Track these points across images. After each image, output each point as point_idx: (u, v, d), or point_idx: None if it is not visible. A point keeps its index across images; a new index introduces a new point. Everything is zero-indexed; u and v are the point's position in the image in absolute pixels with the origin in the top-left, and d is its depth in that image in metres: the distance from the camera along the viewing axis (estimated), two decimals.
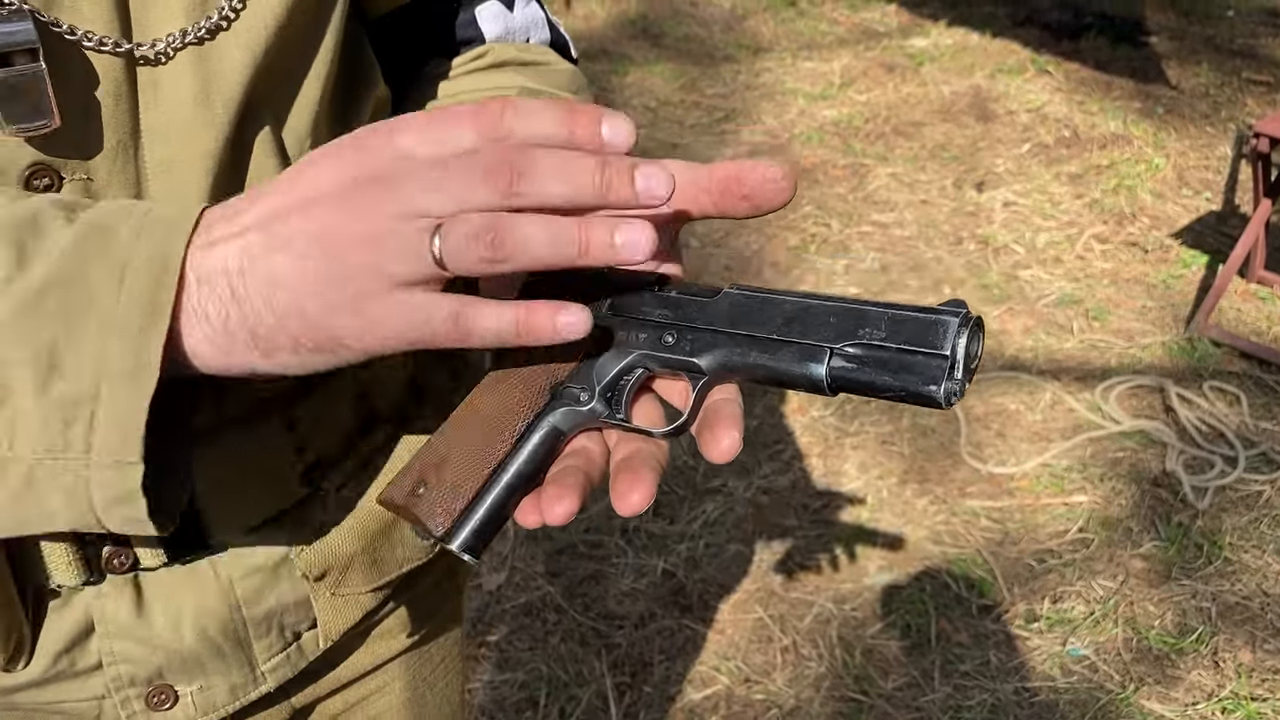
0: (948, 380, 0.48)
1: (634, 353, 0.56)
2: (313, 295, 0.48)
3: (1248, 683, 2.09)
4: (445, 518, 0.54)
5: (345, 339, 0.49)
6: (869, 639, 2.22)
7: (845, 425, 2.76)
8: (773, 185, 0.53)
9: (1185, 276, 3.29)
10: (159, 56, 0.59)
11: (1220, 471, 2.57)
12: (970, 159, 3.94)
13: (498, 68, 0.80)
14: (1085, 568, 2.35)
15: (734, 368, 0.53)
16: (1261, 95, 4.39)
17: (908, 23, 5.05)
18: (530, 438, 0.55)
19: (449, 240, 0.46)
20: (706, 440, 0.54)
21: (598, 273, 0.58)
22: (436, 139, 0.48)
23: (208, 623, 0.71)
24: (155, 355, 0.48)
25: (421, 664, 0.91)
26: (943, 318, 0.48)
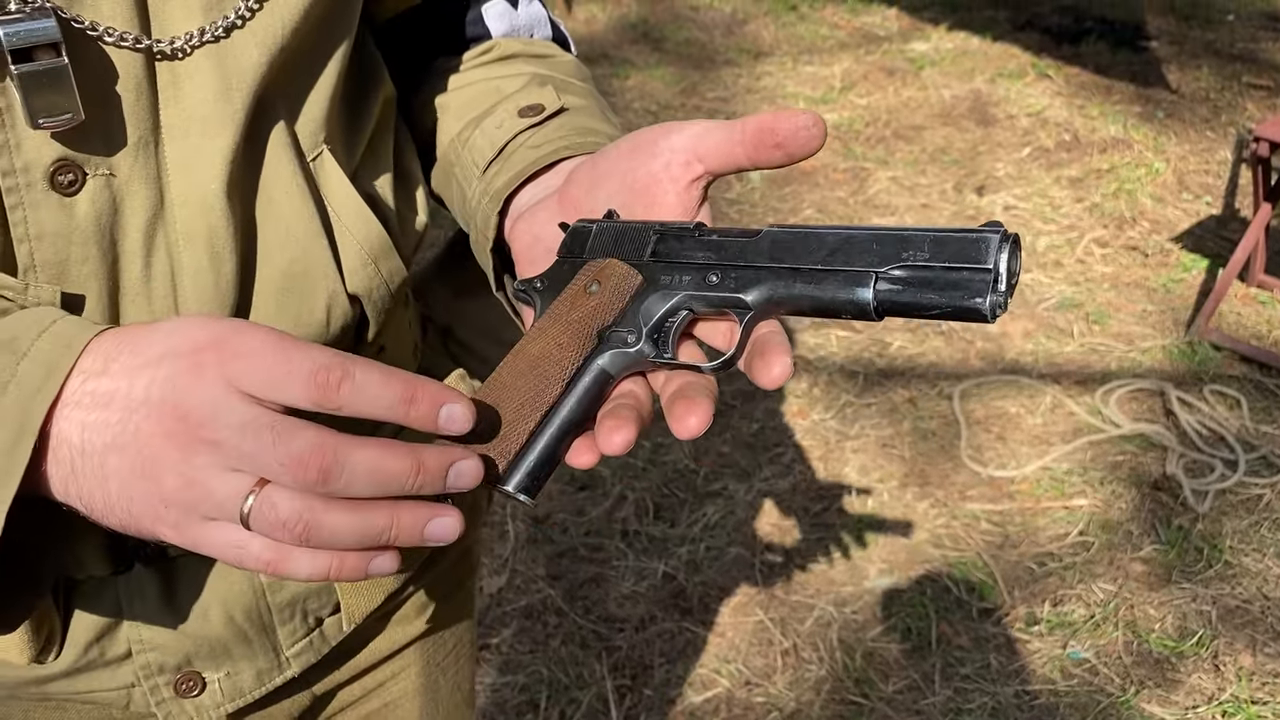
0: (992, 294, 0.49)
1: (679, 294, 0.57)
2: (138, 502, 0.50)
3: (1248, 686, 2.09)
4: (501, 461, 0.55)
5: (165, 540, 0.52)
6: (869, 642, 2.22)
7: (846, 428, 2.76)
8: (805, 132, 0.54)
9: (1185, 280, 3.29)
10: (177, 53, 0.60)
11: (1221, 475, 2.57)
12: (970, 163, 3.94)
13: (506, 59, 0.81)
14: (1085, 571, 2.35)
15: (780, 300, 0.55)
16: (1262, 99, 4.40)
17: (908, 27, 5.06)
18: (580, 380, 0.56)
19: (258, 519, 0.48)
20: (758, 368, 0.54)
21: (641, 224, 0.59)
22: (270, 386, 0.48)
23: (234, 609, 0.73)
24: (2, 509, 0.49)
25: (435, 649, 0.93)
26: (985, 234, 0.50)
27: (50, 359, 0.51)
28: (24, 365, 0.51)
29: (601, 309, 0.58)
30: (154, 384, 0.50)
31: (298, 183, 0.66)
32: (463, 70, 0.82)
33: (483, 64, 0.82)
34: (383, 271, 0.71)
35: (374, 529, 0.49)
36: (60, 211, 0.59)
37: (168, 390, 0.49)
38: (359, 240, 0.70)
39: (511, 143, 0.73)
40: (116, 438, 0.50)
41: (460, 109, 0.80)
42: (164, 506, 0.50)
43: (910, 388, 2.90)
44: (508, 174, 0.71)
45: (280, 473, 0.48)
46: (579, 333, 0.57)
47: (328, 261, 0.68)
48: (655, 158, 0.60)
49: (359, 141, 0.73)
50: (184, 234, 0.63)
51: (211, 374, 0.49)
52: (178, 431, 0.49)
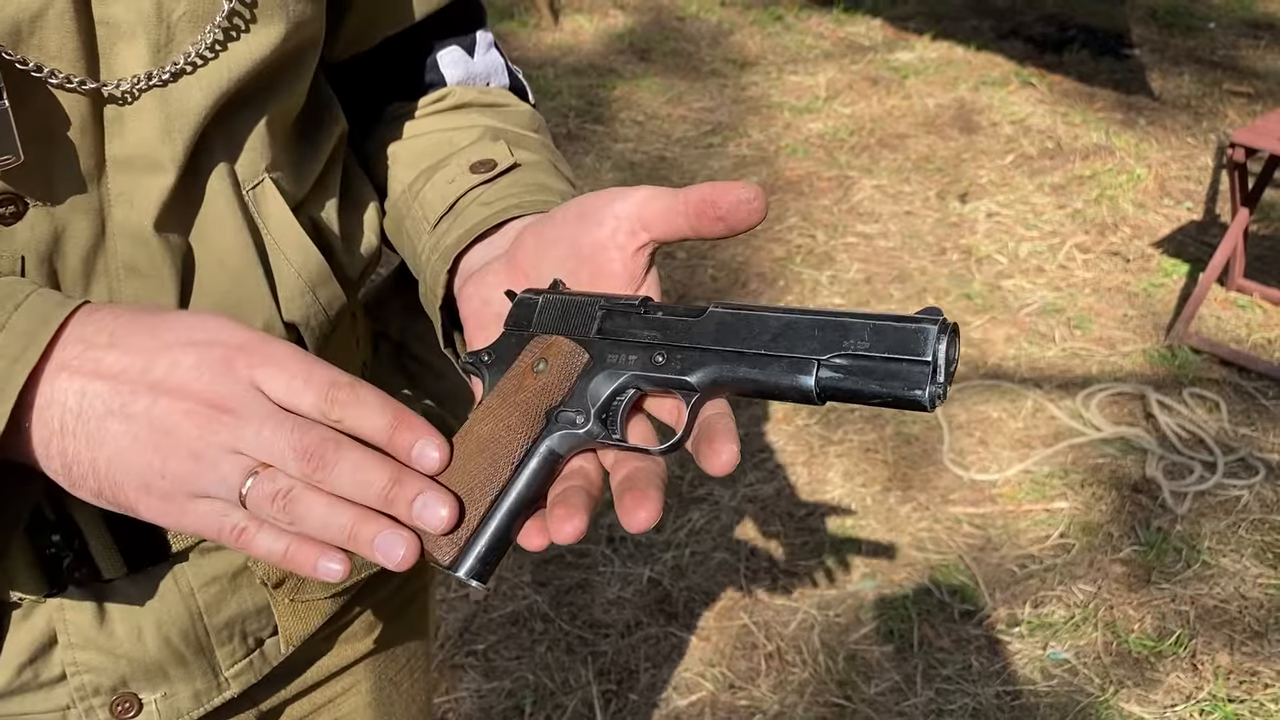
0: (931, 384, 0.50)
1: (626, 374, 0.57)
2: (130, 471, 0.53)
3: (1225, 685, 2.11)
4: (451, 547, 0.55)
5: (141, 513, 0.55)
6: (852, 645, 2.24)
7: (829, 434, 2.78)
8: (746, 206, 0.55)
9: (1166, 285, 3.33)
10: (125, 95, 0.61)
11: (1199, 477, 2.60)
12: (954, 170, 3.97)
13: (460, 109, 0.82)
14: (1066, 573, 2.37)
15: (725, 383, 0.55)
16: (1242, 106, 4.44)
17: (892, 36, 5.10)
18: (529, 462, 0.57)
19: (255, 491, 0.53)
20: (706, 455, 0.55)
21: (587, 297, 0.60)
22: (289, 391, 0.53)
23: (170, 631, 0.73)
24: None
25: (387, 665, 0.93)
26: (923, 326, 0.51)
27: (28, 330, 0.53)
28: (2, 337, 0.53)
29: (549, 389, 0.58)
30: (178, 368, 0.53)
31: (233, 215, 0.67)
32: (416, 118, 0.82)
33: (435, 113, 0.82)
34: (321, 299, 0.72)
35: (337, 521, 0.53)
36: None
37: (193, 376, 0.53)
38: (296, 269, 0.70)
39: (463, 199, 0.74)
40: (124, 407, 0.53)
41: (412, 159, 0.80)
42: (160, 478, 0.53)
43: None
44: (458, 231, 0.71)
45: (289, 456, 0.52)
46: (527, 414, 0.58)
47: (263, 292, 0.69)
48: (601, 225, 0.60)
49: (310, 172, 0.73)
50: (124, 264, 0.64)
51: (241, 372, 0.53)
52: (198, 411, 0.52)
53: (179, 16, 0.61)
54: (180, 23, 0.61)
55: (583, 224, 0.61)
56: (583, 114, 4.43)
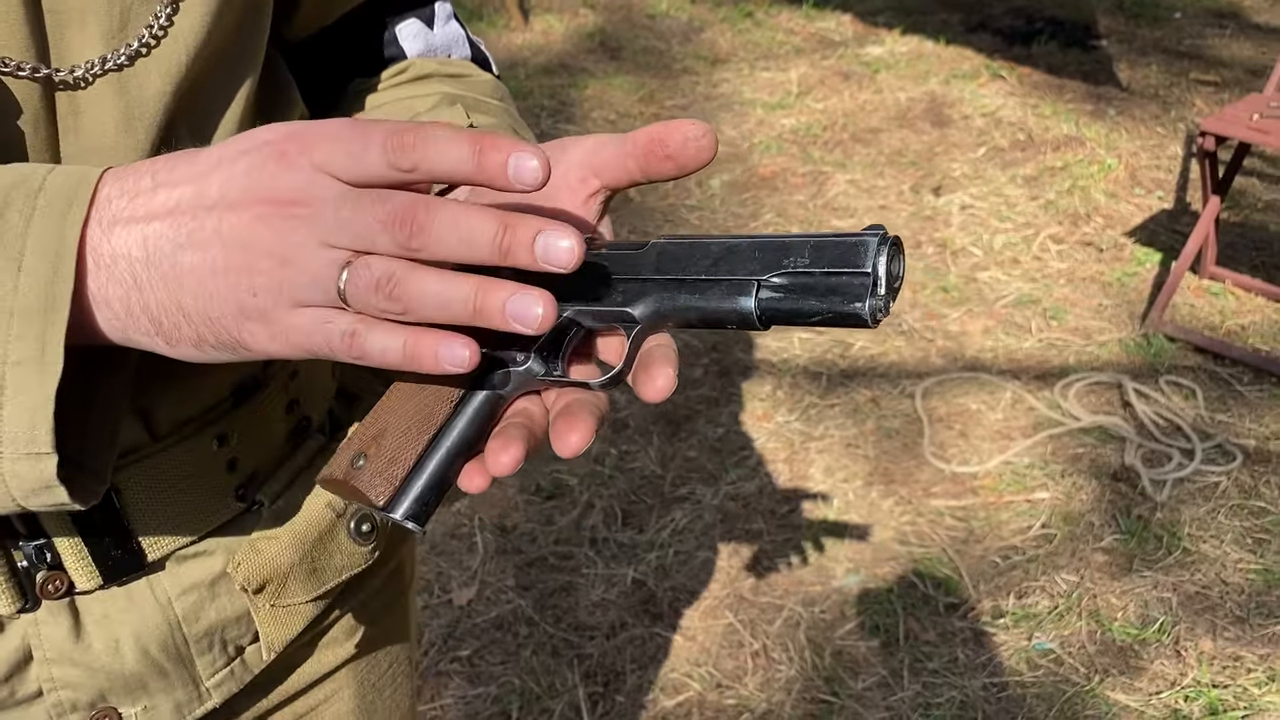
0: (871, 298, 0.49)
1: (569, 309, 0.56)
2: (219, 300, 0.49)
3: (1209, 670, 2.13)
4: (386, 487, 0.54)
5: (248, 343, 0.50)
6: (838, 640, 2.23)
7: (810, 429, 2.78)
8: (695, 144, 0.54)
9: (1140, 274, 3.35)
10: (78, 82, 0.59)
11: (1178, 464, 2.61)
12: (927, 164, 3.99)
13: (421, 79, 0.81)
14: (1049, 563, 2.38)
15: (666, 313, 0.54)
16: (1210, 95, 4.48)
17: (863, 31, 5.11)
18: (470, 402, 0.55)
19: (353, 283, 0.48)
20: (642, 381, 0.54)
21: None
22: (354, 160, 0.48)
23: (148, 643, 0.71)
24: (57, 343, 0.48)
25: (369, 670, 0.91)
26: (864, 238, 0.50)
27: (67, 187, 0.50)
28: (41, 198, 0.50)
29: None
30: (232, 179, 0.49)
31: None
32: (378, 91, 0.81)
33: (397, 84, 0.81)
34: None
35: (459, 291, 0.49)
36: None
37: (252, 181, 0.49)
38: None
39: None
40: (192, 235, 0.49)
41: None
42: (251, 295, 0.49)
43: (873, 387, 2.92)
44: None
45: (378, 231, 0.48)
46: None
47: None
48: (553, 172, 0.58)
49: None
50: None
51: (299, 160, 0.48)
52: (269, 214, 0.48)
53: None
54: (133, 5, 0.59)
55: None
56: (555, 114, 4.42)
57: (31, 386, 0.48)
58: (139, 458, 0.68)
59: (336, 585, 0.79)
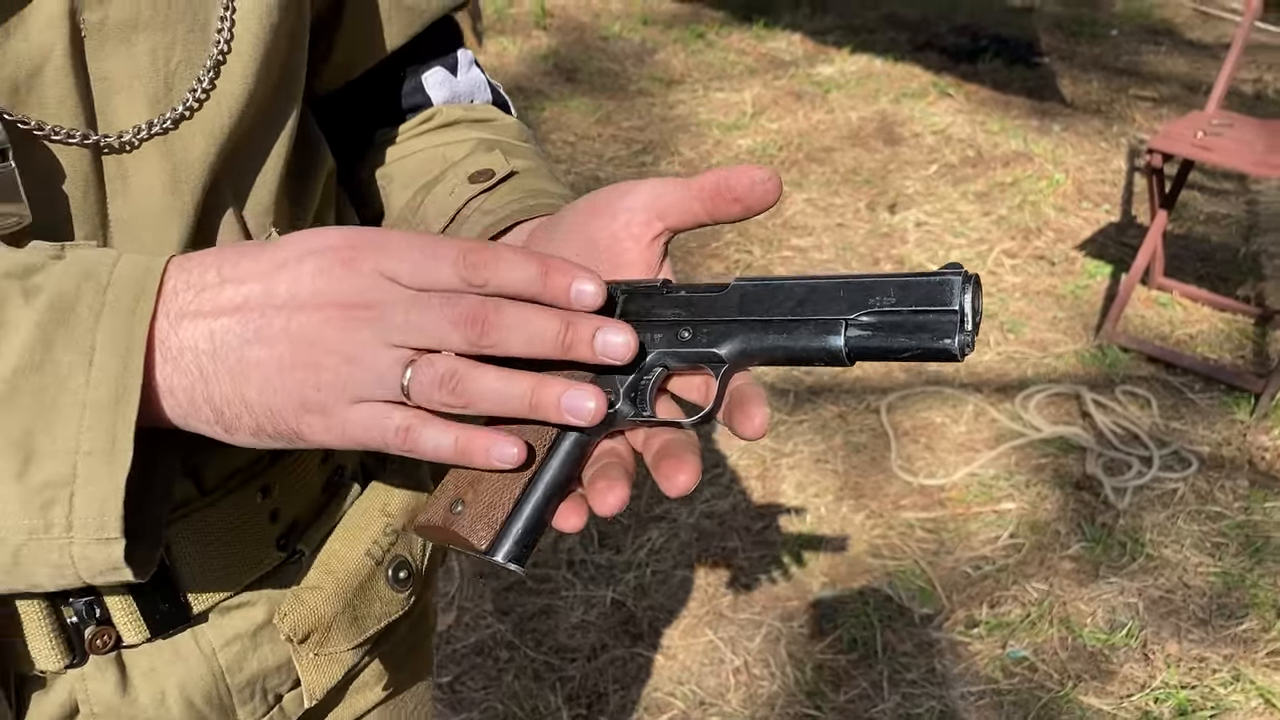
0: (959, 334, 0.51)
1: (653, 352, 0.58)
2: (283, 394, 0.51)
3: (1176, 672, 2.19)
4: (487, 531, 0.55)
5: (305, 435, 0.53)
6: (818, 654, 2.27)
7: (780, 446, 2.82)
8: (761, 187, 0.56)
9: (1091, 286, 3.44)
10: (125, 146, 0.60)
11: (1137, 472, 2.69)
12: (881, 182, 4.06)
13: (449, 126, 0.83)
14: (1018, 572, 2.44)
15: (753, 352, 0.56)
16: (1148, 109, 4.62)
17: (812, 51, 5.20)
18: (561, 444, 0.57)
19: (417, 380, 0.51)
20: (740, 420, 0.56)
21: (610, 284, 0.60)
22: (420, 270, 0.51)
23: (193, 694, 0.72)
24: (127, 435, 0.50)
25: (395, 713, 0.92)
26: (948, 277, 0.52)
27: (134, 280, 0.51)
28: (110, 293, 0.51)
29: (576, 372, 0.58)
30: (300, 280, 0.51)
31: None
32: (406, 139, 0.83)
33: (425, 131, 0.83)
34: None
35: (518, 389, 0.52)
36: None
37: (320, 284, 0.51)
38: None
39: (464, 209, 0.74)
40: (259, 332, 0.51)
41: (407, 177, 0.81)
42: (315, 390, 0.51)
43: (839, 404, 2.97)
44: None
45: (449, 330, 0.51)
46: None
47: None
48: (615, 218, 0.61)
49: (305, 218, 0.74)
50: None
51: (366, 267, 0.51)
52: (337, 316, 0.51)
53: (175, 64, 0.61)
54: (177, 70, 0.61)
55: (596, 218, 0.62)
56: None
57: (102, 477, 0.50)
58: (187, 512, 0.69)
59: (376, 632, 0.81)
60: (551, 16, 5.42)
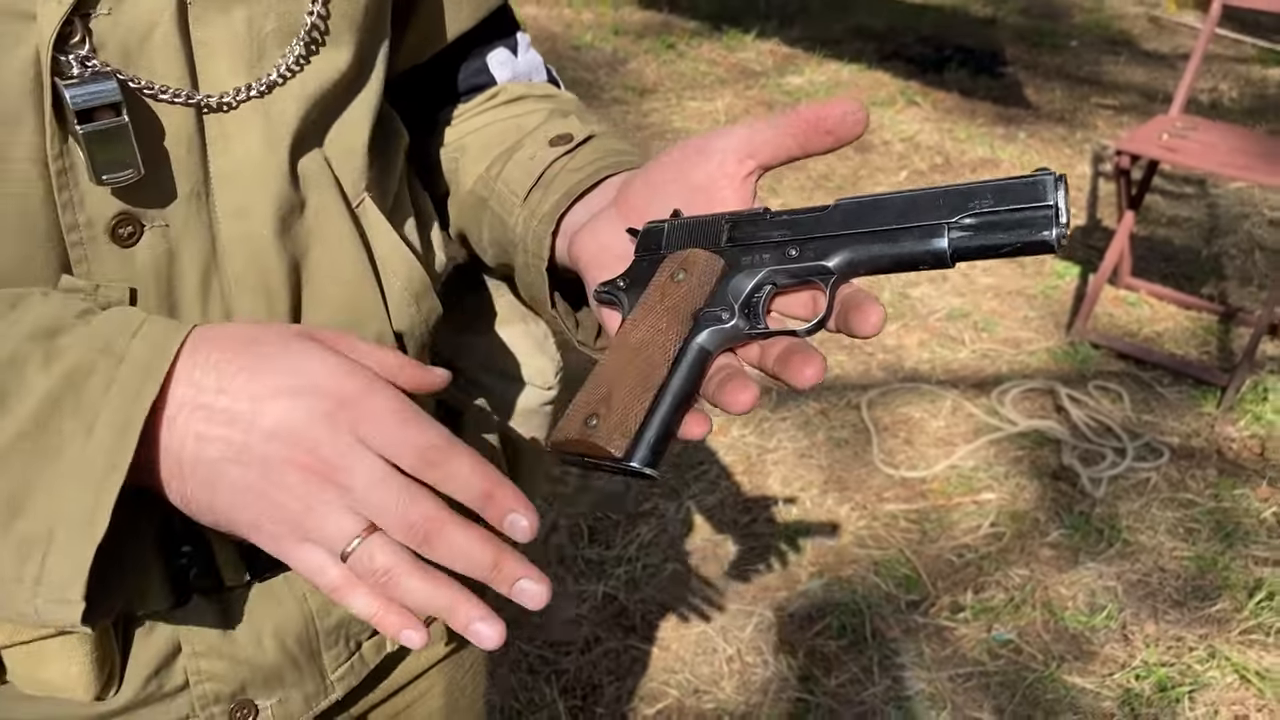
0: (1056, 226, 0.55)
1: (763, 270, 0.61)
2: (243, 511, 0.57)
3: (1155, 651, 2.26)
4: (622, 440, 0.59)
5: (259, 542, 0.58)
6: (809, 641, 2.32)
7: (765, 442, 2.87)
8: (852, 117, 0.60)
9: (1061, 286, 3.53)
10: (223, 106, 0.64)
11: (1111, 462, 2.77)
12: (853, 187, 4.14)
13: (516, 100, 0.87)
14: (1000, 559, 2.50)
15: (860, 262, 0.60)
16: (1110, 117, 4.74)
17: (782, 61, 5.28)
18: (684, 359, 0.60)
19: (357, 558, 0.56)
20: (856, 320, 0.58)
21: (710, 216, 0.64)
22: (389, 444, 0.56)
23: (286, 636, 0.75)
24: (107, 508, 0.54)
25: (455, 669, 0.96)
26: (1041, 178, 0.56)
27: (146, 362, 0.56)
28: (122, 369, 0.55)
29: (692, 293, 0.62)
30: (285, 420, 0.56)
31: (348, 228, 0.70)
32: (474, 115, 0.87)
33: (493, 107, 0.87)
34: (422, 310, 0.76)
35: (436, 602, 0.57)
36: (120, 261, 0.62)
37: (302, 431, 0.55)
38: (403, 281, 0.74)
39: (549, 170, 0.78)
40: (239, 455, 0.56)
41: (481, 148, 0.84)
42: (271, 521, 0.56)
43: (821, 400, 3.03)
44: (554, 196, 0.75)
45: (394, 527, 0.55)
46: (676, 317, 0.62)
47: (376, 301, 0.72)
48: (710, 158, 0.65)
49: (389, 188, 0.77)
50: (236, 279, 0.66)
51: (344, 427, 0.56)
52: (311, 466, 0.55)
53: (268, 33, 0.65)
54: (269, 38, 0.65)
55: (690, 161, 0.66)
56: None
57: (75, 544, 0.54)
58: None
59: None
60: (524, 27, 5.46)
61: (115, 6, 0.59)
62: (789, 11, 5.90)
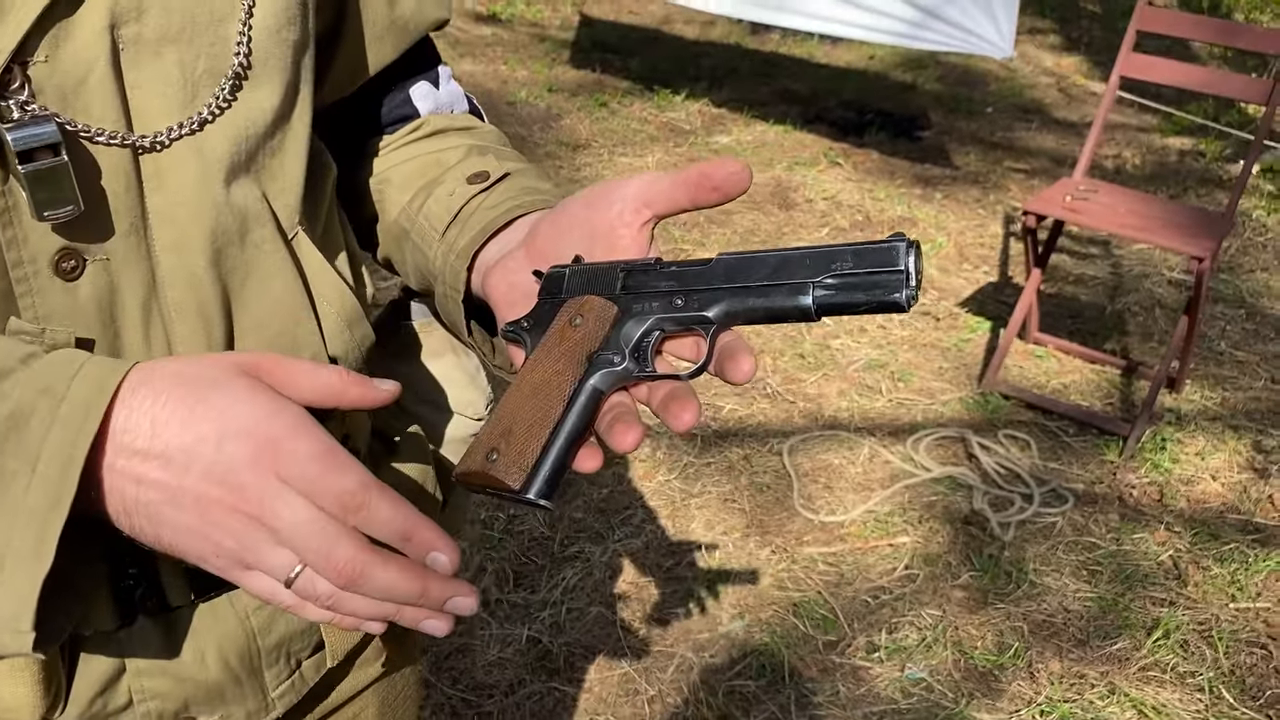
0: (906, 289, 0.61)
1: (652, 317, 0.67)
2: (188, 547, 0.60)
3: (1059, 688, 2.35)
4: (519, 474, 0.63)
5: (210, 570, 0.62)
6: (729, 682, 2.37)
7: (689, 487, 2.94)
8: (736, 176, 0.66)
9: (973, 340, 3.68)
10: (157, 145, 0.68)
11: (1019, 507, 2.88)
12: (777, 243, 4.27)
13: (437, 134, 0.91)
14: (914, 600, 2.59)
15: (736, 313, 0.65)
16: (1021, 180, 4.96)
17: (710, 121, 5.44)
18: (578, 398, 0.65)
19: (300, 585, 0.60)
20: (729, 368, 0.64)
21: (608, 264, 0.70)
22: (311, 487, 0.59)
23: (229, 653, 0.78)
24: (51, 543, 0.56)
25: (389, 691, 0.98)
26: (894, 244, 0.62)
27: (86, 400, 0.58)
28: (63, 409, 0.58)
29: (587, 338, 0.67)
30: (215, 464, 0.59)
31: (283, 259, 0.74)
32: (398, 147, 0.91)
33: (415, 140, 0.91)
34: (355, 336, 0.80)
35: (381, 610, 0.61)
36: (64, 294, 0.65)
37: (229, 475, 0.59)
38: (336, 308, 0.78)
39: (466, 207, 0.82)
40: (175, 497, 0.59)
41: (404, 181, 0.89)
42: (215, 556, 0.60)
43: (744, 446, 3.11)
44: (470, 233, 0.80)
45: (321, 569, 0.59)
46: (571, 359, 0.67)
47: (312, 328, 0.76)
48: (610, 208, 0.70)
49: (320, 219, 0.81)
50: (175, 307, 0.70)
51: (267, 470, 0.59)
52: (240, 508, 0.59)
53: (200, 74, 0.69)
54: (201, 79, 0.69)
55: (593, 209, 0.71)
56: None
57: (22, 576, 0.57)
58: None
59: None
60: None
61: (52, 54, 0.62)
62: (718, 74, 6.08)
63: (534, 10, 7.10)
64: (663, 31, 6.83)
